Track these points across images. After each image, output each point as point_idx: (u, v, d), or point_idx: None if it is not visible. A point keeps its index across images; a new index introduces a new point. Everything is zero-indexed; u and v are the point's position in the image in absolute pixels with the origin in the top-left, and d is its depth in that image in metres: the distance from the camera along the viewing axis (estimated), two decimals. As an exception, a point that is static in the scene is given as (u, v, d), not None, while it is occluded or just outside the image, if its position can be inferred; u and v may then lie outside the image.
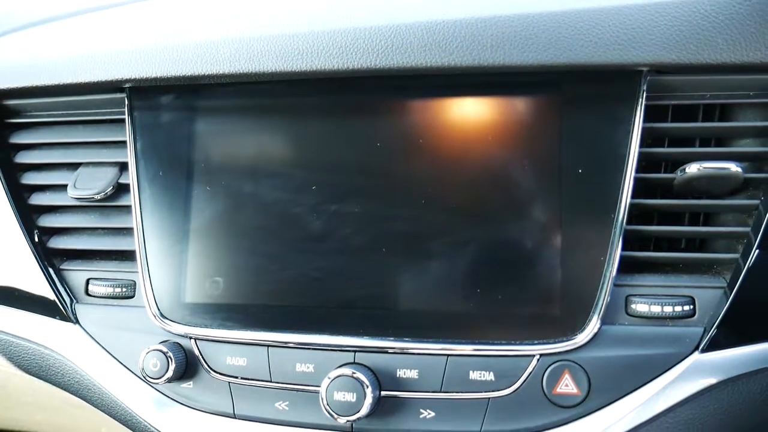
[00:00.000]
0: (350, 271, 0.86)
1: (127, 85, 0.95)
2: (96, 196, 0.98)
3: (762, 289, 0.77)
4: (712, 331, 0.77)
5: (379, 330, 0.84)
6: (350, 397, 0.80)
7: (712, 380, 0.77)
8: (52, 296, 0.99)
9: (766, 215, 0.77)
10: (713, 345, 0.77)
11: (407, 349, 0.83)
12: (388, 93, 0.87)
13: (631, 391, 0.78)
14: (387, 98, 0.87)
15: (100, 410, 1.00)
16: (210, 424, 0.90)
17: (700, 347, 0.78)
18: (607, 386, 0.79)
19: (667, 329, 0.79)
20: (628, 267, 0.81)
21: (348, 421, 0.81)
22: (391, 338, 0.84)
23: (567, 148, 0.81)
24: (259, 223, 0.89)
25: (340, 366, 0.83)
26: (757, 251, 0.76)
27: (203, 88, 0.93)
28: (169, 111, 0.95)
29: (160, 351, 0.88)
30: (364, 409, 0.80)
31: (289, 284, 0.88)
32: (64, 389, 1.02)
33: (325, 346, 0.86)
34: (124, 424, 0.97)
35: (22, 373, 1.09)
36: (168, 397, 0.92)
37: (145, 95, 0.95)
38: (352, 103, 0.89)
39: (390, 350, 0.84)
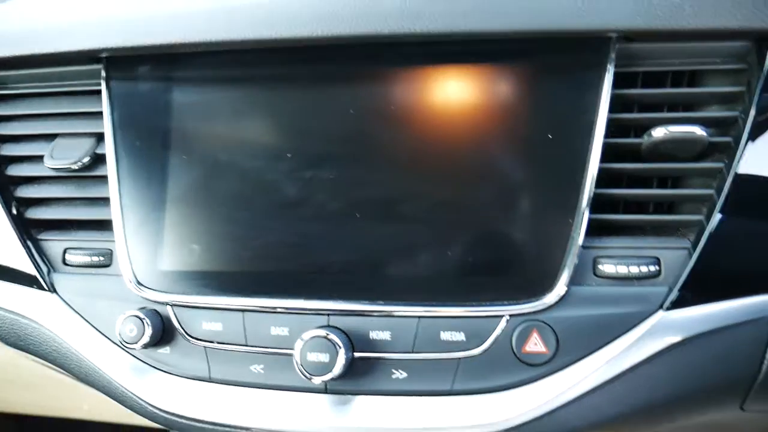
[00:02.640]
0: (324, 237, 0.87)
1: (103, 55, 0.95)
2: (73, 166, 0.98)
3: (724, 249, 0.79)
4: (676, 289, 0.79)
5: (352, 293, 0.85)
6: (323, 357, 0.81)
7: (677, 338, 0.79)
8: (29, 266, 0.99)
9: (729, 178, 0.78)
10: (677, 303, 0.79)
11: (380, 311, 0.84)
12: (360, 61, 0.88)
13: (598, 349, 0.80)
14: (359, 66, 0.88)
15: (79, 379, 1.01)
16: (186, 388, 0.91)
17: (665, 305, 0.79)
18: (574, 345, 0.80)
19: (633, 289, 0.81)
20: (596, 230, 0.82)
21: (322, 381, 0.82)
22: (365, 301, 0.85)
23: (537, 114, 0.82)
24: (235, 191, 0.90)
25: (314, 328, 0.84)
26: (720, 212, 0.78)
27: (180, 58, 0.93)
28: (145, 81, 0.95)
29: (137, 317, 0.88)
30: (337, 369, 0.81)
31: (265, 250, 0.89)
32: (43, 359, 1.02)
33: (300, 310, 0.87)
34: (102, 392, 0.98)
35: (3, 351, 1.10)
36: (145, 363, 0.93)
37: (122, 65, 0.95)
38: (326, 72, 0.89)
39: (363, 313, 0.85)
